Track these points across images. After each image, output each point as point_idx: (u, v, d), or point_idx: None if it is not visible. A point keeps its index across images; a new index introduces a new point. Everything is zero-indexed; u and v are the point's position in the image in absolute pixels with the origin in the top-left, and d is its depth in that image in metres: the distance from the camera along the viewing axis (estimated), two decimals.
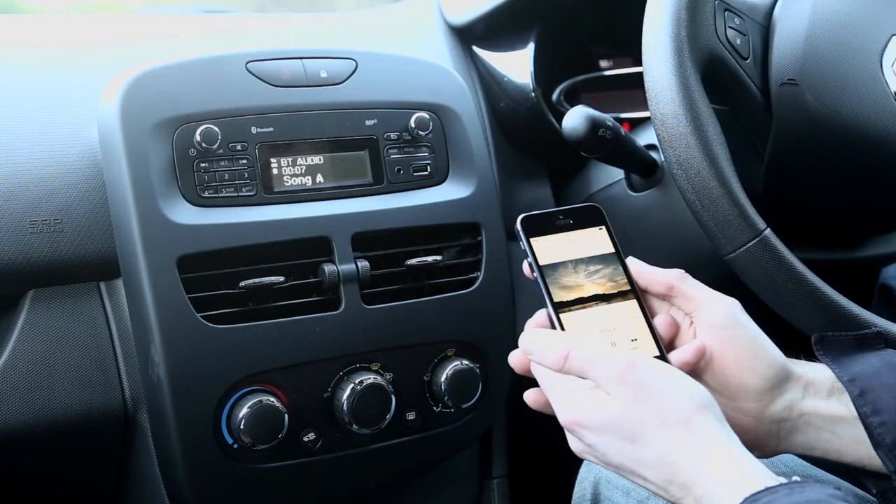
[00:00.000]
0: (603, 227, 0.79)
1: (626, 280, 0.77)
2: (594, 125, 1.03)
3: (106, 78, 1.00)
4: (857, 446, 0.74)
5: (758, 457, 0.75)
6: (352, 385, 1.00)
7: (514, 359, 0.76)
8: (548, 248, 0.77)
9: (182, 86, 0.99)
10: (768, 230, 0.89)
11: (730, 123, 0.99)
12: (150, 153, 0.95)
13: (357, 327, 1.01)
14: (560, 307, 0.75)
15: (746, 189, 0.90)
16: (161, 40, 1.24)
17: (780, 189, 1.03)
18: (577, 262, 0.77)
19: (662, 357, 0.74)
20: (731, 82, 0.99)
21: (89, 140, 1.01)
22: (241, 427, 0.95)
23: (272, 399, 0.97)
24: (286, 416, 0.97)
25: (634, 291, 0.77)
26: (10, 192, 0.96)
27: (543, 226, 0.77)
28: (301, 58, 1.05)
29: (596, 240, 0.78)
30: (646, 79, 0.92)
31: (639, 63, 0.94)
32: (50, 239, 0.97)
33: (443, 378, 1.06)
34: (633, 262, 0.78)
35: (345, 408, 1.00)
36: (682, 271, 0.78)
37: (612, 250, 0.78)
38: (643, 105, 0.96)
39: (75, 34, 1.21)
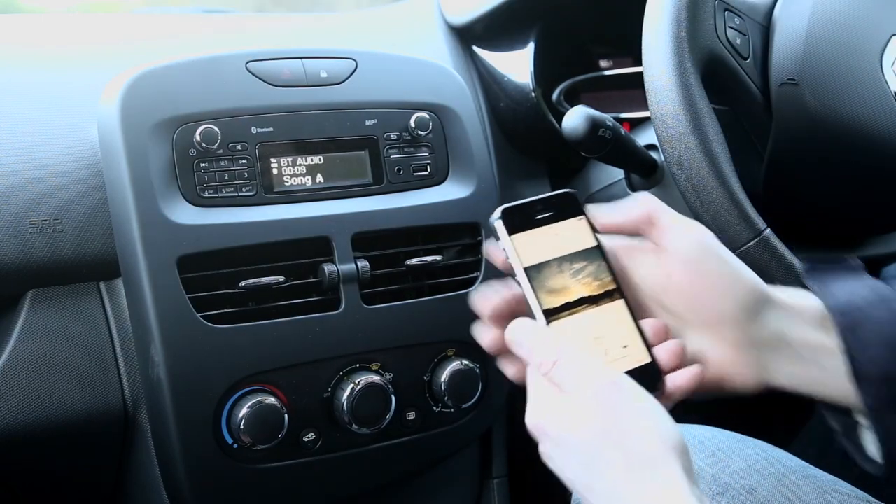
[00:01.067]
0: (583, 217, 0.73)
1: (610, 277, 0.72)
2: (594, 125, 1.03)
3: (106, 78, 1.00)
4: (843, 380, 0.71)
5: (746, 391, 0.73)
6: (352, 385, 1.00)
7: (487, 337, 0.73)
8: (530, 246, 0.71)
9: (182, 86, 0.99)
10: (768, 230, 0.89)
11: (730, 123, 0.99)
12: (150, 153, 0.95)
13: (357, 327, 1.01)
14: (550, 315, 0.69)
15: (746, 189, 0.90)
16: (161, 40, 1.24)
17: (780, 189, 1.03)
18: (561, 261, 0.71)
19: (653, 363, 0.71)
20: (731, 82, 0.99)
21: (89, 140, 1.01)
22: (241, 427, 0.95)
23: (272, 399, 0.97)
24: (286, 416, 0.97)
25: (620, 290, 0.72)
26: (9, 192, 0.96)
27: (524, 220, 0.71)
28: (301, 58, 1.05)
29: (577, 233, 0.72)
30: (646, 79, 0.92)
31: (639, 63, 0.94)
32: (50, 239, 0.97)
33: (443, 378, 1.06)
34: (596, 210, 0.74)
35: (345, 408, 1.00)
36: (649, 194, 0.74)
37: (595, 243, 0.72)
38: (643, 105, 0.96)
39: (75, 34, 1.21)
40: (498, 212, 0.71)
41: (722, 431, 0.93)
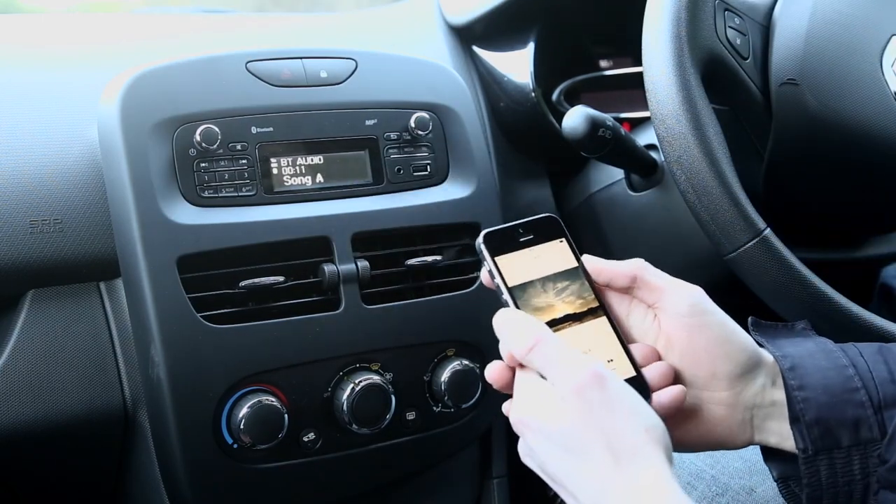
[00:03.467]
0: (563, 240, 0.75)
1: (593, 296, 0.74)
2: (594, 125, 1.03)
3: (106, 78, 1.00)
4: None
5: (735, 447, 0.74)
6: (352, 385, 1.00)
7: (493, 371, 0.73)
8: (514, 266, 0.73)
9: (182, 86, 0.99)
10: (768, 230, 0.89)
11: (730, 123, 0.99)
12: (150, 153, 0.95)
13: (357, 327, 1.01)
14: None
15: (746, 189, 0.90)
16: (161, 40, 1.24)
17: (780, 189, 1.03)
18: (544, 281, 0.73)
19: (639, 377, 0.71)
20: (731, 82, 0.99)
21: (89, 140, 1.01)
22: (241, 427, 0.95)
23: (272, 399, 0.97)
24: (286, 416, 0.97)
25: (603, 308, 0.74)
26: (9, 192, 0.96)
27: (506, 243, 0.74)
28: (301, 58, 1.05)
29: (559, 254, 0.75)
30: (646, 79, 0.92)
31: (639, 63, 0.94)
32: (50, 239, 0.97)
33: (443, 378, 1.06)
34: (590, 260, 0.75)
35: (345, 408, 1.00)
36: (642, 259, 0.75)
37: (576, 264, 0.75)
38: (643, 105, 0.96)
39: (75, 34, 1.21)
40: (481, 235, 0.73)
41: None
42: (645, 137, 1.16)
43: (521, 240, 0.74)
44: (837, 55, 0.97)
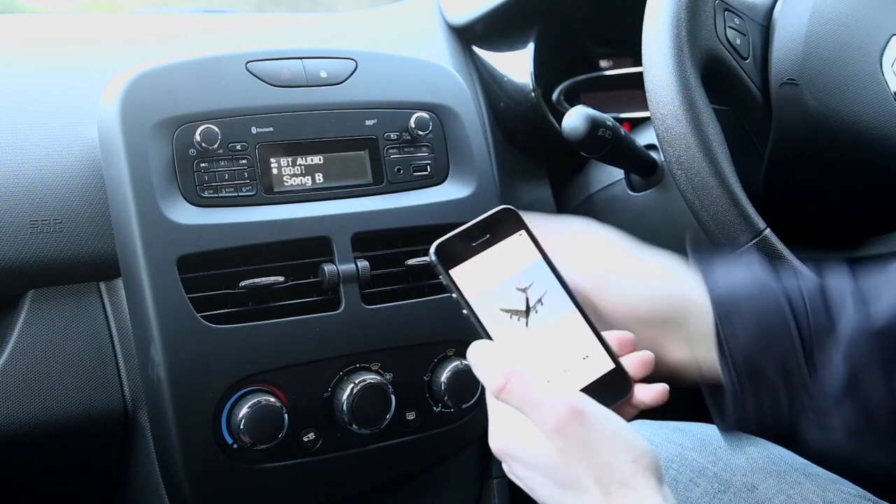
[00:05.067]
0: (523, 232, 0.71)
1: (561, 289, 0.71)
2: (594, 125, 1.03)
3: (106, 78, 0.99)
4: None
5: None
6: (352, 385, 1.00)
7: None
8: (472, 275, 0.69)
9: (182, 86, 0.99)
10: (768, 230, 0.89)
11: (730, 123, 0.99)
12: (150, 153, 0.95)
13: (357, 327, 1.01)
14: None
15: (746, 189, 0.90)
16: (161, 40, 1.24)
17: (780, 189, 1.03)
18: (508, 283, 0.69)
19: (619, 368, 0.70)
20: (731, 82, 0.99)
21: (89, 140, 1.01)
22: (241, 427, 0.95)
23: (272, 399, 0.97)
24: (286, 416, 0.97)
25: (572, 299, 0.70)
26: (10, 192, 0.96)
27: (461, 250, 0.69)
28: (301, 58, 1.05)
29: (520, 250, 0.71)
30: (646, 79, 0.92)
31: (639, 63, 0.94)
32: (50, 239, 0.97)
33: (443, 378, 1.06)
34: (533, 221, 0.72)
35: (345, 408, 1.00)
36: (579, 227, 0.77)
37: (539, 257, 0.71)
38: (643, 105, 0.96)
39: (75, 34, 1.21)
40: (433, 247, 0.68)
41: None
42: (645, 137, 1.16)
43: (477, 242, 0.70)
44: (837, 55, 0.97)
